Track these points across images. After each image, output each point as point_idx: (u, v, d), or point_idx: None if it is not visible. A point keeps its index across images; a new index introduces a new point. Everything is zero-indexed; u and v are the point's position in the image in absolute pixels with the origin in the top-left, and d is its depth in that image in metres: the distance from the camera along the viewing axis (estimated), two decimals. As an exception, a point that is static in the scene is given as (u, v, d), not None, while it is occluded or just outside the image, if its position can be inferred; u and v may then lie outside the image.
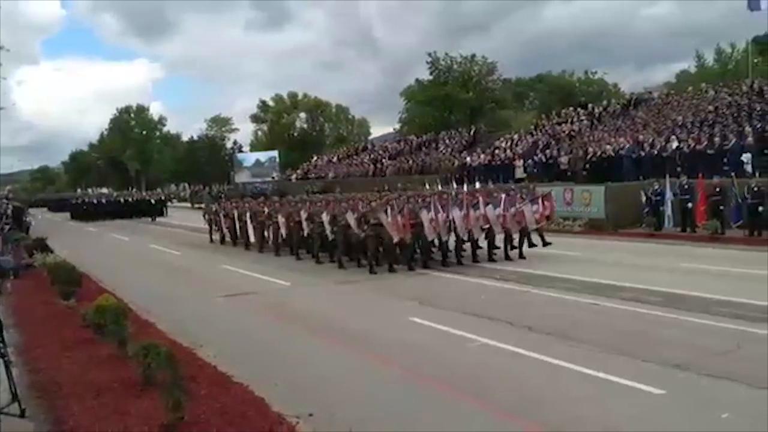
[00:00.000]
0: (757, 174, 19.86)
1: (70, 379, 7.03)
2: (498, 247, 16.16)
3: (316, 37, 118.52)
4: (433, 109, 56.21)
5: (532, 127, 38.22)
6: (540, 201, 16.51)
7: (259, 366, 7.95)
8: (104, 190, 71.89)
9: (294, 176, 53.79)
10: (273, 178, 55.33)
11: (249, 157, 63.10)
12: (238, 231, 22.44)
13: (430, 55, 56.93)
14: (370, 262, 15.20)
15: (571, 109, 38.11)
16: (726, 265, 14.01)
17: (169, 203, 52.18)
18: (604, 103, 37.58)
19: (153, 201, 47.29)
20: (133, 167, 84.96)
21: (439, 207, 15.00)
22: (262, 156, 61.38)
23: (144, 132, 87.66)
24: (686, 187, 19.76)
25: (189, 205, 57.09)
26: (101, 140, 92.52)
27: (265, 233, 20.58)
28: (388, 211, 14.67)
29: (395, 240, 14.69)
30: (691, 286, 11.63)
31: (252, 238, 20.95)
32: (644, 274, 13.28)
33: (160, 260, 20.14)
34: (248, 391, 6.62)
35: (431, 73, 57.22)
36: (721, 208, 18.81)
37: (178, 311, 11.62)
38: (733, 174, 19.27)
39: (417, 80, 59.63)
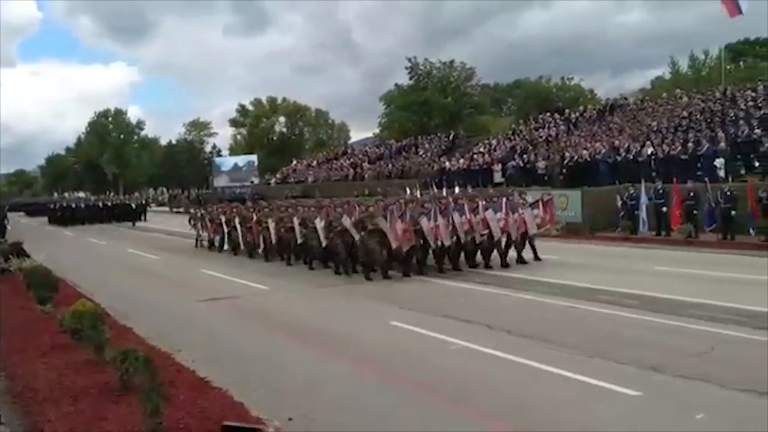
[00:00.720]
0: (729, 179, 20.21)
1: (46, 385, 6.96)
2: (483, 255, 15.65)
3: (296, 41, 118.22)
4: (412, 114, 56.35)
5: (510, 132, 38.50)
6: (541, 205, 16.27)
7: (238, 370, 7.93)
8: (81, 194, 71.05)
9: (273, 180, 53.61)
10: (252, 182, 55.12)
11: (228, 162, 62.87)
12: (225, 236, 22.01)
13: (409, 60, 57.20)
14: (367, 269, 14.69)
15: (548, 114, 38.49)
16: (700, 268, 14.21)
17: (147, 207, 51.55)
18: (581, 108, 37.96)
19: (133, 205, 46.51)
20: (110, 171, 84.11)
21: (439, 213, 14.56)
22: (241, 160, 61.15)
23: (122, 136, 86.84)
24: (661, 191, 20.03)
25: (167, 209, 56.66)
26: (78, 144, 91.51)
27: (255, 239, 19.91)
28: (388, 216, 14.23)
29: (393, 246, 14.18)
30: (666, 288, 11.78)
31: (241, 244, 20.49)
32: (620, 277, 13.44)
33: (138, 265, 19.97)
34: (227, 395, 6.59)
35: (411, 78, 57.45)
36: (695, 212, 19.08)
37: (156, 316, 11.54)
38: (706, 179, 19.58)
39: (396, 85, 59.85)
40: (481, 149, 35.08)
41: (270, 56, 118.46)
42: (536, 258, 15.91)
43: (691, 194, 19.22)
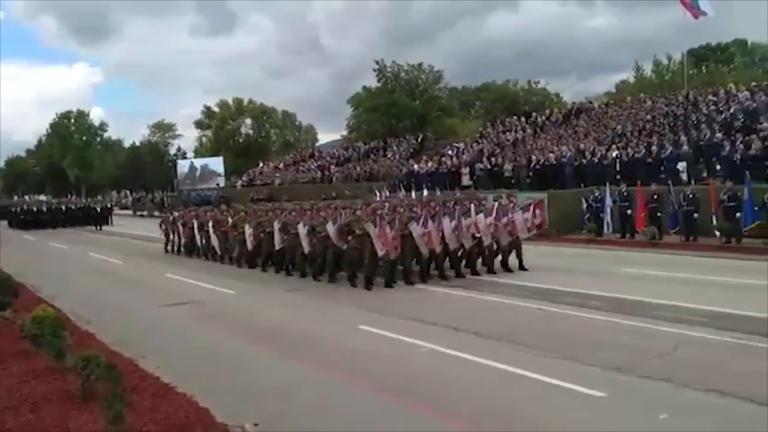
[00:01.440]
0: (692, 182, 20.59)
1: (5, 392, 6.77)
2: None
3: (263, 42, 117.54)
4: (380, 116, 56.35)
5: (478, 135, 38.72)
6: (531, 209, 15.68)
7: (203, 376, 7.81)
8: (42, 197, 69.70)
9: (239, 183, 53.18)
10: (218, 185, 54.61)
11: (193, 164, 62.16)
12: (198, 242, 21.17)
13: (377, 62, 57.22)
14: (351, 276, 14.08)
15: (515, 117, 38.79)
16: (664, 269, 14.43)
17: (113, 211, 50.49)
18: (547, 112, 38.35)
19: (98, 209, 45.29)
20: (72, 174, 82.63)
21: (429, 218, 13.89)
22: (207, 162, 60.55)
23: (84, 138, 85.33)
24: (625, 194, 20.32)
25: (131, 212, 55.87)
26: (39, 146, 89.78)
27: (232, 244, 18.98)
28: (377, 221, 13.32)
29: (380, 254, 13.34)
30: (631, 290, 11.96)
31: (217, 249, 19.74)
32: (587, 279, 13.60)
33: (101, 269, 19.62)
34: (192, 401, 6.49)
35: (378, 81, 57.47)
36: (659, 214, 19.40)
37: (119, 321, 11.33)
38: (669, 182, 19.93)
39: (364, 87, 59.77)
40: (449, 152, 35.21)
41: (237, 58, 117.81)
42: (521, 267, 15.24)
43: (655, 197, 19.54)
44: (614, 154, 24.10)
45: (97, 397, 5.99)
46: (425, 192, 23.53)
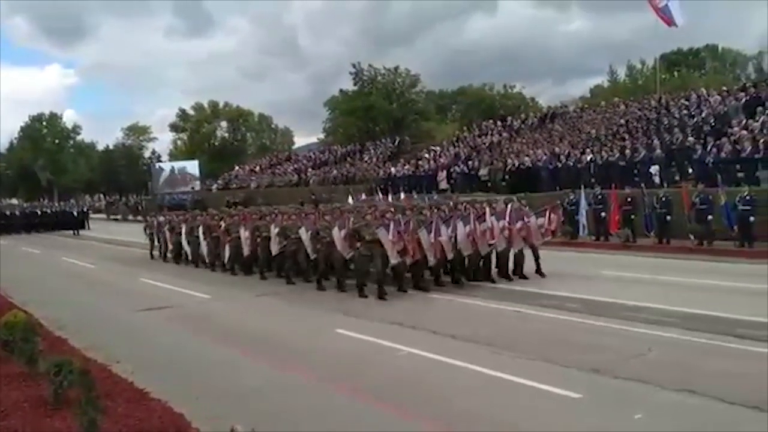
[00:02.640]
0: (665, 185, 20.87)
1: (-26, 400, 6.65)
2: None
3: (240, 45, 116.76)
4: (357, 120, 56.36)
5: (454, 138, 38.90)
6: (547, 214, 14.96)
7: (178, 381, 7.74)
8: (14, 201, 68.59)
9: (215, 186, 52.84)
10: (193, 188, 54.17)
11: (168, 167, 61.57)
12: (186, 247, 20.07)
13: (354, 66, 57.21)
14: (360, 285, 13.01)
15: (491, 121, 39.05)
16: (638, 271, 14.60)
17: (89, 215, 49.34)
18: (523, 116, 38.65)
19: (75, 212, 43.91)
20: (44, 177, 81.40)
21: (442, 223, 13.03)
22: (182, 166, 59.93)
23: (57, 141, 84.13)
24: (600, 197, 20.54)
25: (104, 216, 55.20)
26: (11, 149, 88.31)
27: (222, 250, 17.80)
28: (392, 227, 12.44)
29: (393, 261, 12.66)
30: (606, 292, 12.09)
31: (206, 256, 18.64)
32: (563, 281, 13.67)
33: (74, 274, 19.37)
34: (167, 407, 6.42)
35: (355, 84, 57.47)
36: (633, 217, 19.63)
37: (92, 326, 11.18)
38: (642, 185, 20.19)
39: (341, 90, 59.77)
40: (427, 155, 35.34)
41: (213, 60, 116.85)
42: (538, 271, 14.49)
43: (629, 200, 19.77)
44: (589, 158, 24.40)
45: (70, 404, 5.91)
46: (402, 195, 23.55)
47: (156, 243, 22.37)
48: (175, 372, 8.24)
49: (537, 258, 14.49)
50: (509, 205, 14.47)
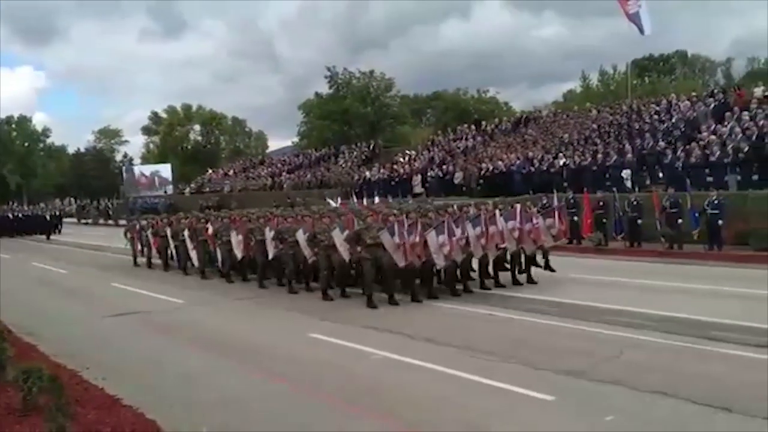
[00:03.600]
0: (636, 189, 21.14)
1: (-60, 409, 6.51)
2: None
3: (215, 48, 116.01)
4: (332, 123, 56.33)
5: (429, 143, 39.05)
6: (556, 215, 14.44)
7: (150, 387, 7.65)
8: (-18, 205, 67.19)
9: (188, 190, 52.39)
10: (165, 192, 53.65)
11: (140, 171, 60.93)
12: (172, 252, 19.17)
13: (329, 69, 57.17)
14: (369, 292, 12.27)
15: (466, 126, 39.26)
16: (610, 275, 14.76)
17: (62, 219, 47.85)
18: (496, 120, 38.91)
19: (47, 216, 42.09)
20: (14, 181, 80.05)
21: (453, 226, 12.40)
22: (154, 169, 59.35)
23: (27, 144, 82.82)
24: (572, 201, 20.72)
25: (75, 220, 54.40)
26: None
27: (212, 254, 17.11)
28: (396, 229, 11.90)
29: (400, 265, 12.01)
30: (580, 295, 12.20)
31: (195, 261, 17.68)
32: (537, 284, 13.75)
33: (44, 279, 19.06)
34: (138, 413, 6.35)
35: (330, 88, 57.45)
36: (605, 221, 19.84)
37: (63, 332, 11.03)
38: (614, 189, 20.43)
39: (316, 93, 59.66)
40: (402, 159, 35.41)
41: (187, 63, 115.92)
42: (549, 267, 14.25)
43: (601, 204, 19.98)
44: (562, 162, 24.66)
45: (40, 411, 5.83)
46: (376, 200, 23.56)
47: (140, 248, 21.08)
48: (146, 378, 8.14)
49: (546, 260, 14.18)
50: (518, 206, 13.84)
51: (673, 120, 25.38)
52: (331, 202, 22.49)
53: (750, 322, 9.40)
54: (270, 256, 14.83)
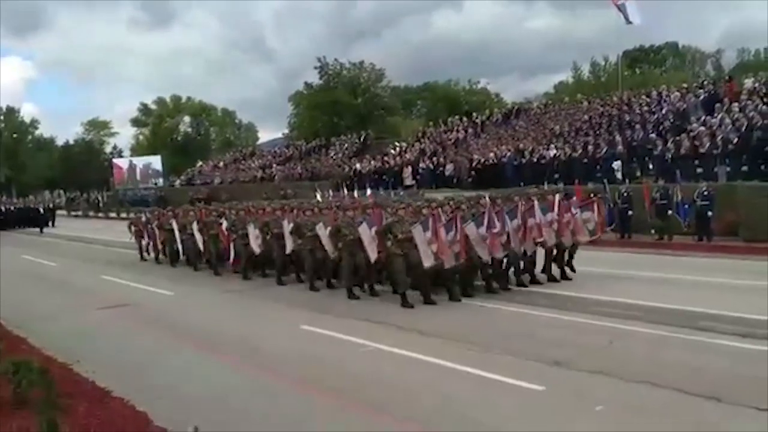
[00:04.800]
0: (626, 180, 21.20)
1: (-71, 402, 6.47)
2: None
3: (205, 39, 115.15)
4: (322, 115, 56.14)
5: (420, 134, 39.05)
6: (594, 207, 13.52)
7: (141, 380, 7.65)
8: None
9: (178, 182, 52.21)
10: (155, 184, 53.47)
11: (129, 162, 60.69)
12: (180, 247, 18.15)
13: (319, 60, 56.96)
14: (402, 290, 11.30)
15: (457, 117, 39.25)
16: (601, 266, 14.77)
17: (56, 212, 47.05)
18: (487, 112, 38.92)
19: (41, 209, 41.29)
20: (2, 174, 79.49)
21: (495, 218, 11.45)
22: (144, 161, 59.14)
23: (15, 135, 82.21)
24: (564, 193, 20.73)
25: (65, 212, 54.16)
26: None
27: (226, 250, 16.02)
28: (429, 223, 10.90)
29: (427, 264, 10.91)
30: (570, 286, 12.28)
31: (203, 256, 16.90)
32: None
33: (34, 271, 18.97)
34: (129, 406, 6.36)
35: (320, 78, 57.25)
36: (595, 212, 19.86)
37: (52, 325, 10.98)
38: (605, 180, 20.46)
39: (306, 83, 59.41)
40: (392, 151, 35.40)
41: (177, 55, 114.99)
42: (569, 267, 13.32)
43: (592, 195, 19.98)
44: (552, 154, 24.69)
45: (30, 404, 5.81)
46: (368, 191, 23.55)
47: (146, 242, 20.30)
48: (137, 371, 8.13)
49: (572, 256, 13.36)
50: (557, 196, 13.01)
51: (664, 111, 25.48)
52: (318, 195, 22.45)
53: (739, 312, 9.45)
54: (288, 250, 13.93)
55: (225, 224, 15.83)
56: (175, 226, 18.04)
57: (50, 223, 39.94)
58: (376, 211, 12.36)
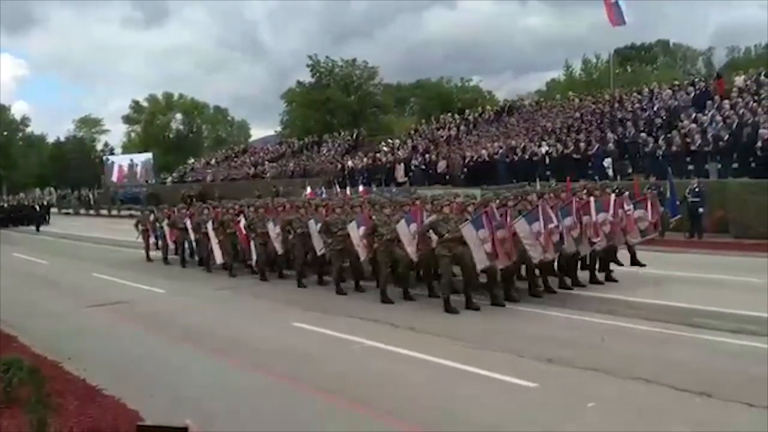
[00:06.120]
0: (618, 177, 21.27)
1: None
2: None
3: (198, 37, 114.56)
4: (314, 112, 56.10)
5: (412, 131, 39.05)
6: (648, 204, 12.54)
7: (132, 378, 7.61)
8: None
9: (169, 179, 52.02)
10: (147, 181, 53.28)
11: (121, 160, 60.49)
12: (192, 247, 17.57)
13: (311, 57, 56.88)
14: (447, 294, 10.44)
15: (449, 115, 39.27)
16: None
17: (51, 209, 46.19)
18: (480, 109, 38.95)
19: (37, 207, 40.13)
20: (-7, 172, 78.97)
21: (551, 215, 10.44)
22: (136, 158, 58.94)
23: (5, 133, 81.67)
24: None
25: (56, 210, 53.89)
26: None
27: (245, 250, 15.22)
28: (483, 222, 9.92)
29: (480, 267, 10.03)
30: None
31: (218, 257, 15.69)
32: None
33: (25, 269, 18.85)
34: (120, 404, 6.33)
35: (312, 76, 57.15)
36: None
37: (43, 324, 10.91)
38: (596, 177, 20.51)
39: (299, 82, 59.32)
40: (385, 148, 35.39)
41: (169, 52, 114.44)
42: (608, 277, 12.31)
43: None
44: (544, 151, 24.73)
45: (21, 402, 5.77)
46: (360, 188, 23.54)
47: (153, 242, 19.43)
48: (128, 369, 8.08)
49: (614, 260, 12.44)
50: (613, 194, 12.10)
51: (655, 108, 25.55)
52: (308, 191, 22.41)
53: (730, 309, 9.51)
54: (318, 252, 13.09)
55: (243, 222, 14.99)
56: (188, 224, 17.20)
57: (46, 221, 39.26)
58: (415, 209, 11.58)
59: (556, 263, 11.75)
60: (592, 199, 11.54)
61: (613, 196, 12.00)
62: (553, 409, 6.17)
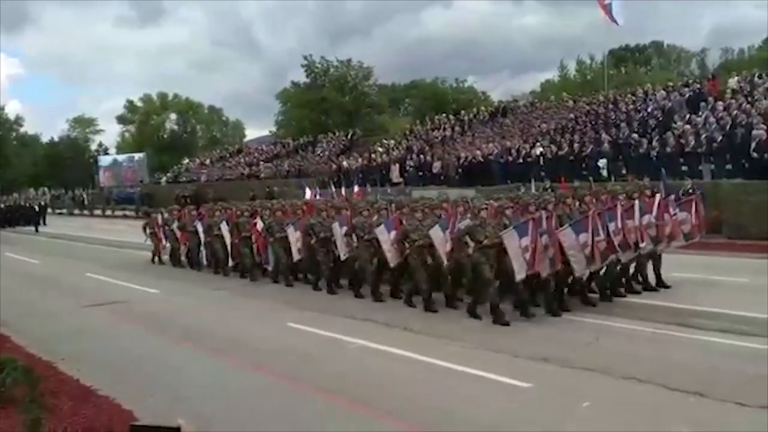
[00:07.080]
0: (612, 178, 21.33)
1: None
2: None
3: (192, 37, 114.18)
4: (309, 112, 56.04)
5: (407, 132, 39.07)
6: (693, 207, 12.00)
7: (127, 378, 7.60)
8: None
9: (164, 180, 51.88)
10: (141, 181, 53.12)
11: (115, 160, 60.31)
12: (203, 249, 16.77)
13: (305, 58, 56.81)
14: (494, 302, 9.60)
15: (444, 115, 39.30)
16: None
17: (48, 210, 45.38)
18: (474, 110, 38.98)
19: (36, 207, 39.09)
20: (-14, 171, 78.63)
21: (600, 227, 9.80)
22: (130, 158, 58.79)
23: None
24: (549, 190, 20.85)
25: (50, 210, 53.68)
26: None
27: (261, 254, 14.48)
28: (528, 228, 9.27)
29: (519, 277, 9.27)
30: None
31: (231, 260, 15.37)
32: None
33: (17, 269, 18.77)
34: (115, 404, 6.33)
35: (307, 76, 57.10)
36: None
37: (37, 324, 10.88)
38: (591, 178, 20.58)
39: (293, 82, 59.24)
40: (380, 149, 35.40)
41: (164, 51, 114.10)
42: (659, 283, 11.47)
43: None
44: (539, 152, 24.78)
45: (15, 402, 5.76)
46: (356, 188, 23.54)
47: (163, 244, 18.54)
48: (122, 369, 8.07)
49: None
50: (657, 196, 11.48)
51: (649, 109, 25.62)
52: (308, 191, 22.40)
53: (724, 309, 9.56)
54: (342, 256, 12.33)
55: (260, 224, 14.27)
56: (200, 227, 16.44)
57: (43, 221, 38.44)
58: (450, 213, 11.04)
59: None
60: (636, 202, 10.90)
61: (658, 197, 11.43)
62: (549, 408, 6.19)
